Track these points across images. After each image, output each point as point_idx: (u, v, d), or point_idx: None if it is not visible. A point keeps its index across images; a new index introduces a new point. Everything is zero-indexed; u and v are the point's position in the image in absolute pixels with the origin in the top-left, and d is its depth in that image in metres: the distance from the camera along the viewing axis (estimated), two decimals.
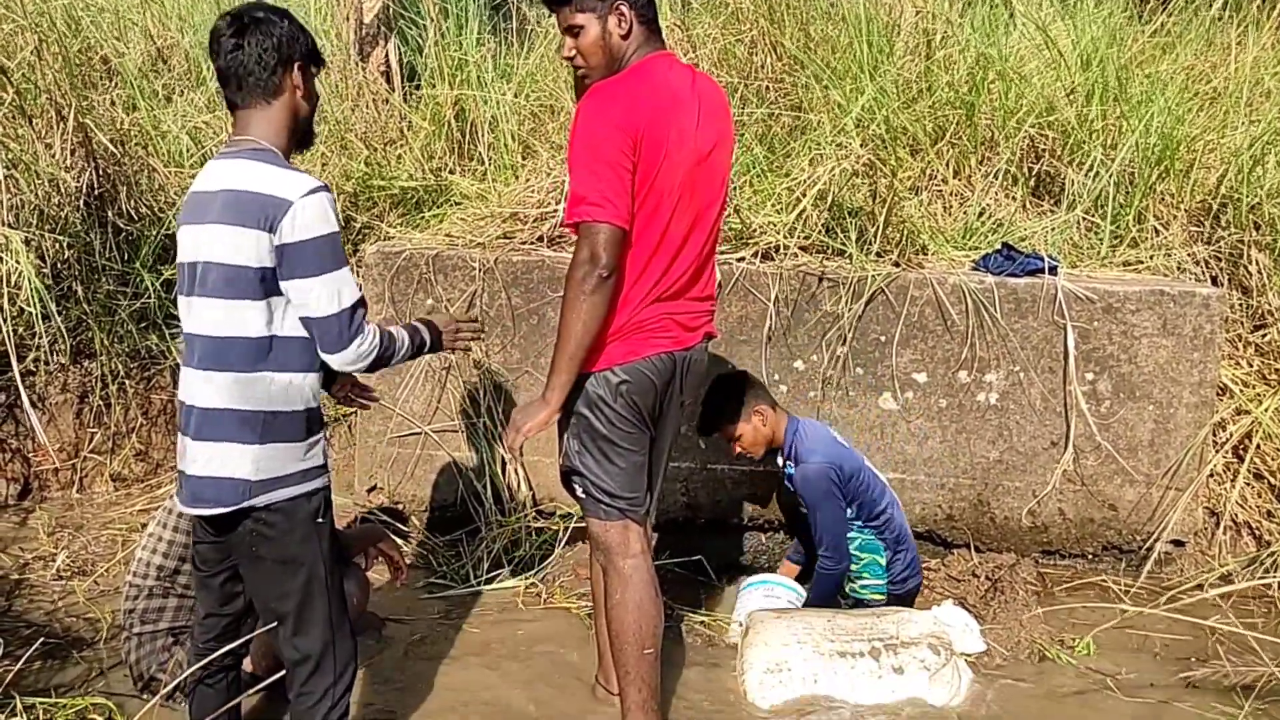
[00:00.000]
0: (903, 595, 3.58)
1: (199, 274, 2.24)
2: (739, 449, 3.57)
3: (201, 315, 2.24)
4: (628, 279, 2.55)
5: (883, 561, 3.54)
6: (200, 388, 2.26)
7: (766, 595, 3.57)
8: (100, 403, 4.40)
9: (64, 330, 4.16)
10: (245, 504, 2.25)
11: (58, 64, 4.46)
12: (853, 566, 3.53)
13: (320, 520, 2.35)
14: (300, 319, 2.24)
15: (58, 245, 4.28)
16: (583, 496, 2.73)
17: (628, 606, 2.66)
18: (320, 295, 2.21)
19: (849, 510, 3.48)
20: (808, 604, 3.51)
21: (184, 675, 2.72)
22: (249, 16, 2.24)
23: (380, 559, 3.22)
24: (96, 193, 4.43)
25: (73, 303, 4.37)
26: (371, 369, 2.38)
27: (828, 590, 3.50)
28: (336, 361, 2.29)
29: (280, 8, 2.44)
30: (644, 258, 2.55)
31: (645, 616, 2.67)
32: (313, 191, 2.19)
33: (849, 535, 3.49)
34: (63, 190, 4.35)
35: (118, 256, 4.47)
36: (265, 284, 2.19)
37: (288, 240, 2.16)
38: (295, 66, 2.28)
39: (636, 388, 2.60)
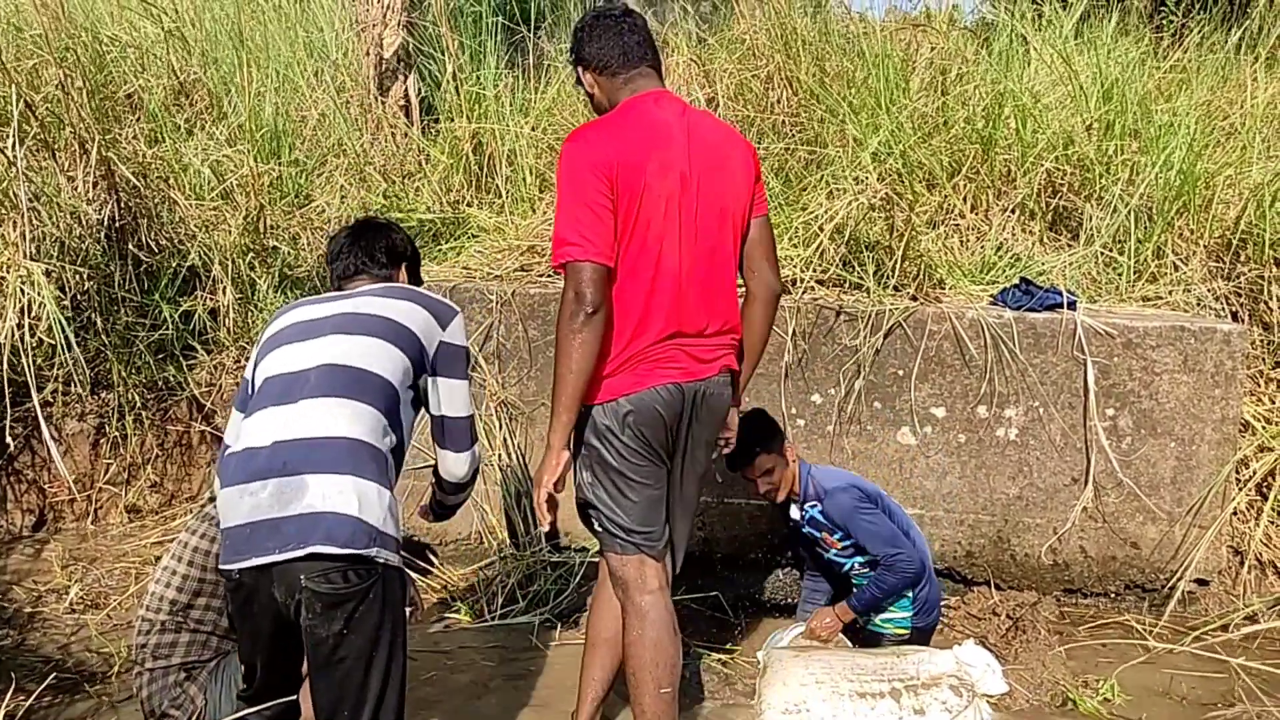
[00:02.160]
0: (924, 628, 3.53)
1: (338, 323, 2.38)
2: (766, 486, 3.46)
3: (345, 348, 2.32)
4: (630, 310, 2.55)
5: (909, 593, 3.48)
6: (323, 416, 2.22)
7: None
8: (117, 434, 4.41)
9: (83, 361, 4.17)
10: (373, 551, 2.14)
11: (82, 98, 4.51)
12: None
13: None
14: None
15: (78, 277, 4.31)
16: (599, 530, 2.71)
17: (645, 643, 2.62)
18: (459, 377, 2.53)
19: None
20: (864, 593, 3.39)
21: None
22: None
23: None
24: (117, 225, 4.47)
25: (91, 334, 4.38)
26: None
27: (895, 584, 3.37)
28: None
29: None
30: (642, 288, 2.55)
31: (662, 654, 2.63)
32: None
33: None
34: (84, 222, 4.38)
35: (137, 288, 4.49)
36: (410, 347, 2.39)
37: (449, 341, 2.49)
38: None
39: (643, 418, 2.59)
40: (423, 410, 2.55)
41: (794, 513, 3.54)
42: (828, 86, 5.04)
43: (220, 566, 2.23)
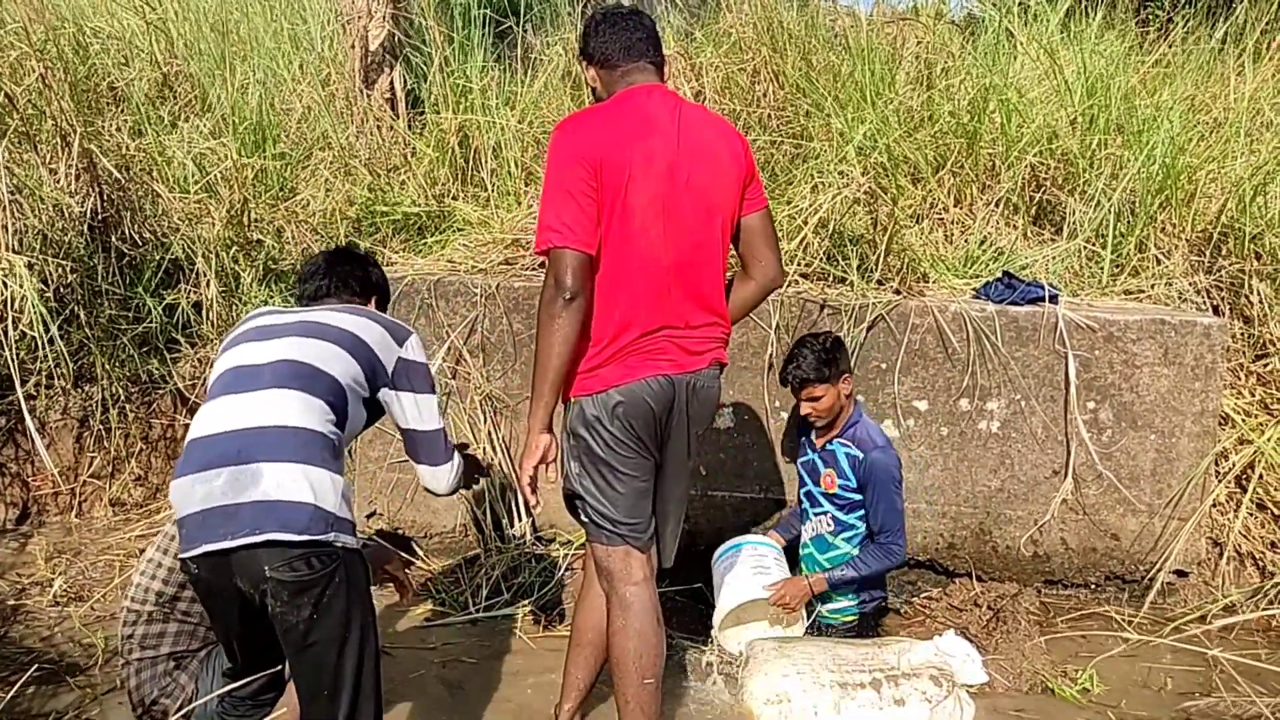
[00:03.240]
0: (870, 613, 3.57)
1: (297, 329, 2.44)
2: (812, 410, 3.43)
3: (301, 349, 2.37)
4: (615, 300, 2.58)
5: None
6: (277, 406, 2.26)
7: (753, 555, 3.50)
8: (100, 427, 4.40)
9: (66, 354, 4.16)
10: (330, 536, 2.19)
11: (64, 90, 4.49)
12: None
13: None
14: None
15: (61, 270, 4.30)
16: (585, 520, 2.73)
17: (628, 634, 2.65)
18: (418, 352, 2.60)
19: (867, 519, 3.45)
20: (844, 570, 3.40)
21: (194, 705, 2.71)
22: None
23: (388, 581, 3.22)
24: (100, 217, 4.45)
25: (75, 327, 4.37)
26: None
27: (879, 569, 3.41)
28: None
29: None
30: (626, 278, 2.58)
31: (646, 645, 2.65)
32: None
33: (841, 551, 3.48)
34: (66, 215, 4.37)
35: (120, 281, 4.48)
36: (364, 358, 2.44)
37: (406, 358, 2.54)
38: None
39: (632, 409, 2.61)
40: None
41: (815, 436, 3.55)
42: (814, 80, 5.05)
43: (179, 556, 2.26)
